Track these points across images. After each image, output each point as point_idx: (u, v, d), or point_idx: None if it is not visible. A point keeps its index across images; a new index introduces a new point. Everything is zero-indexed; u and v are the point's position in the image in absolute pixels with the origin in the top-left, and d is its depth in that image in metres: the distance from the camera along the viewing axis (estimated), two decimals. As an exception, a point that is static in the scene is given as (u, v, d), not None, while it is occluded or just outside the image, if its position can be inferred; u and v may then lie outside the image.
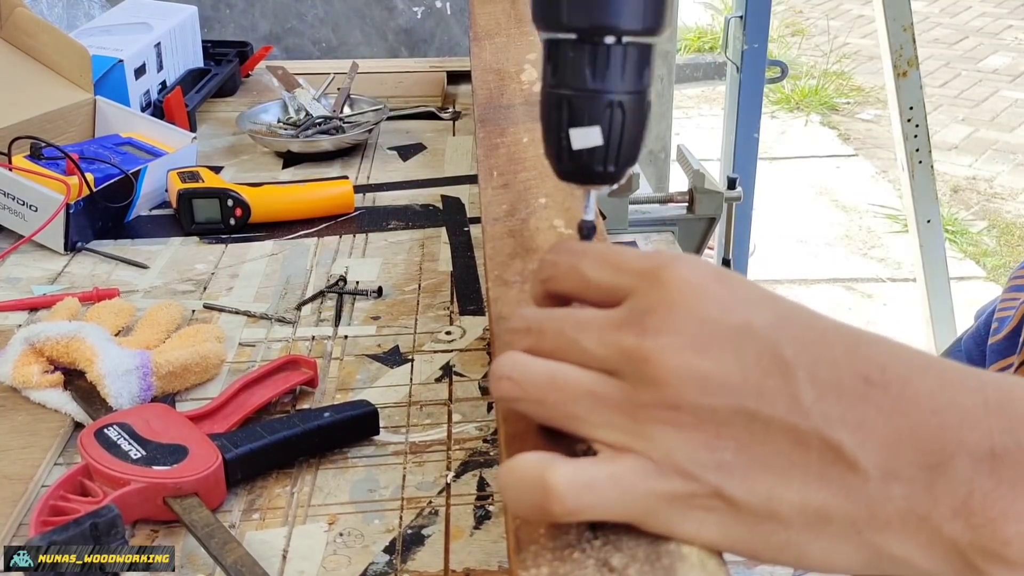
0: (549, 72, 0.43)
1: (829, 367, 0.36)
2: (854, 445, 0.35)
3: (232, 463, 0.61)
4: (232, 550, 0.54)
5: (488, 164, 0.74)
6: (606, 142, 0.43)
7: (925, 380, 0.36)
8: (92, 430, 0.61)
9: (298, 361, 0.73)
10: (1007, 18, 6.04)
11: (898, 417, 0.35)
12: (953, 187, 3.92)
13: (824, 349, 0.36)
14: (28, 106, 1.08)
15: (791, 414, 0.35)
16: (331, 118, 1.25)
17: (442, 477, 0.64)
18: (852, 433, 0.35)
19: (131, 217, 1.04)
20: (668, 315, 0.37)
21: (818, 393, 0.35)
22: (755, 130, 2.15)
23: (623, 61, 0.42)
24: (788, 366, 0.36)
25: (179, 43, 1.35)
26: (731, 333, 0.36)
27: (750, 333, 0.36)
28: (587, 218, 0.47)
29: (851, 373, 0.36)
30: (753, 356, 0.36)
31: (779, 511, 0.36)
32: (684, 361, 0.36)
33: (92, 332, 0.72)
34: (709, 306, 0.37)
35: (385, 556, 0.57)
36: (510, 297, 0.54)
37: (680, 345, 0.36)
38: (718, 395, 0.36)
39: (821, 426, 0.35)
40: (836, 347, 0.37)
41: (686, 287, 0.37)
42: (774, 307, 0.38)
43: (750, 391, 0.36)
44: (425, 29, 1.79)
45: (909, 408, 0.36)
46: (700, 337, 0.36)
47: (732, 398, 0.36)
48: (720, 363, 0.36)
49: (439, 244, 0.98)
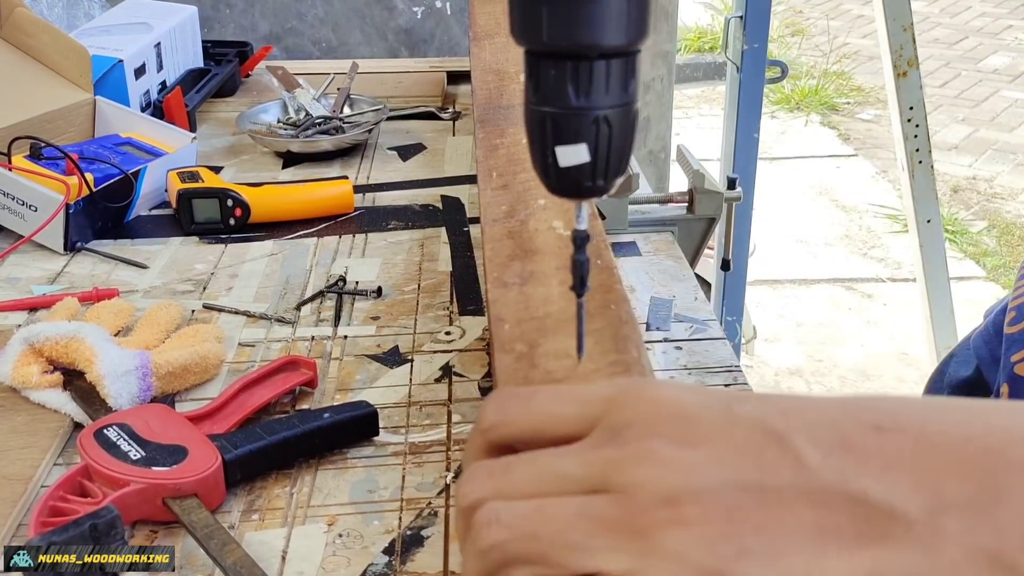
0: (531, 88, 0.42)
1: (829, 427, 0.33)
2: (884, 491, 0.31)
3: (232, 464, 0.61)
4: (231, 551, 0.54)
5: (487, 165, 0.74)
6: (594, 157, 0.42)
7: (948, 414, 0.33)
8: (92, 431, 0.61)
9: (298, 362, 0.73)
10: (1007, 18, 6.04)
11: (928, 452, 0.32)
12: (953, 187, 3.92)
13: (818, 413, 0.34)
14: (28, 106, 1.08)
15: (799, 479, 0.32)
16: (331, 118, 1.25)
17: (441, 478, 0.64)
18: (877, 480, 0.31)
19: (131, 217, 1.04)
20: (646, 425, 0.34)
21: (823, 452, 0.32)
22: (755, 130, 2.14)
23: (607, 76, 0.40)
24: (782, 435, 0.33)
25: (179, 43, 1.35)
26: (714, 423, 0.34)
27: (733, 419, 0.34)
28: (580, 228, 0.45)
29: (857, 426, 0.33)
30: (742, 435, 0.33)
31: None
32: (672, 455, 0.33)
33: (92, 332, 0.71)
34: (686, 409, 0.35)
35: (384, 557, 0.57)
36: (509, 299, 0.54)
37: (665, 444, 0.34)
38: (716, 475, 0.33)
39: (838, 483, 0.31)
40: (831, 409, 0.34)
41: (658, 400, 0.35)
42: (753, 395, 0.36)
43: (749, 465, 0.33)
44: (425, 29, 1.79)
45: (939, 442, 0.32)
46: (683, 435, 0.34)
47: (731, 475, 0.32)
48: (709, 449, 0.33)
49: (439, 244, 0.98)
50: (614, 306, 0.52)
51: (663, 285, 0.90)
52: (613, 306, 0.52)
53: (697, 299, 0.87)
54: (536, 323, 0.51)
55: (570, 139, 0.41)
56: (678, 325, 0.83)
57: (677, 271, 0.92)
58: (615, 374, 0.46)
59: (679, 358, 0.78)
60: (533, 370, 0.46)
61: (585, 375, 0.46)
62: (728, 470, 0.33)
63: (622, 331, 0.50)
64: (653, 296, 0.87)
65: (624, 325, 0.50)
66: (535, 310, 0.52)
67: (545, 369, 0.46)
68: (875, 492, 0.31)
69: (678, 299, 0.87)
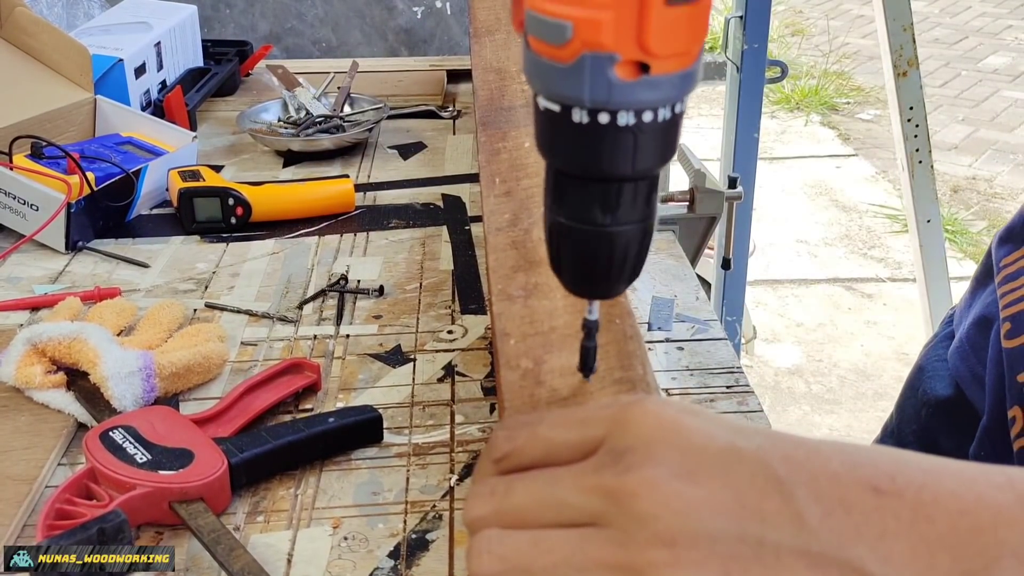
0: (554, 198, 0.41)
1: (830, 482, 0.33)
2: (878, 562, 0.32)
3: (237, 468, 0.60)
4: (238, 557, 0.54)
5: (490, 170, 0.74)
6: (610, 265, 0.41)
7: (943, 481, 0.33)
8: (97, 433, 0.61)
9: (301, 364, 0.73)
10: (1007, 18, 6.04)
11: (923, 524, 0.32)
12: (953, 187, 3.92)
13: (820, 464, 0.34)
14: (29, 105, 1.08)
15: (799, 537, 0.32)
16: (331, 117, 1.25)
17: (445, 480, 0.64)
18: (872, 549, 0.32)
19: (132, 216, 1.03)
20: (647, 450, 0.34)
21: (824, 510, 0.32)
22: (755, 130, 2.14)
23: (634, 196, 0.40)
24: (784, 485, 0.33)
25: (179, 42, 1.35)
26: (717, 459, 0.34)
27: (737, 456, 0.34)
28: (590, 318, 0.45)
29: (856, 485, 0.33)
30: (745, 479, 0.33)
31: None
32: (673, 490, 0.33)
33: (94, 333, 0.71)
34: (690, 436, 0.34)
35: (390, 561, 0.57)
36: (514, 313, 0.53)
37: (666, 476, 0.33)
38: (716, 522, 0.32)
39: (835, 547, 0.32)
40: (833, 461, 0.34)
41: (660, 422, 0.35)
42: (757, 431, 0.35)
43: (750, 516, 0.33)
44: (425, 29, 1.79)
45: (933, 513, 0.32)
46: (685, 466, 0.34)
47: (732, 524, 0.32)
48: (711, 489, 0.33)
49: (440, 243, 0.98)
50: (619, 320, 0.52)
51: (664, 284, 0.89)
52: (618, 320, 0.52)
53: (698, 299, 0.87)
54: (541, 338, 0.50)
55: (591, 254, 0.41)
56: (679, 325, 0.83)
57: (678, 270, 0.92)
58: (620, 391, 0.46)
59: (681, 359, 0.78)
60: (539, 388, 0.46)
61: (591, 393, 0.46)
62: (729, 519, 0.33)
63: (627, 347, 0.49)
64: (655, 296, 0.87)
65: (629, 341, 0.50)
66: (540, 324, 0.52)
67: (551, 387, 0.46)
68: (870, 562, 0.32)
69: (679, 299, 0.87)
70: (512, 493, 0.37)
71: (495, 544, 0.36)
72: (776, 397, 2.67)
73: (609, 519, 0.34)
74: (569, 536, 0.34)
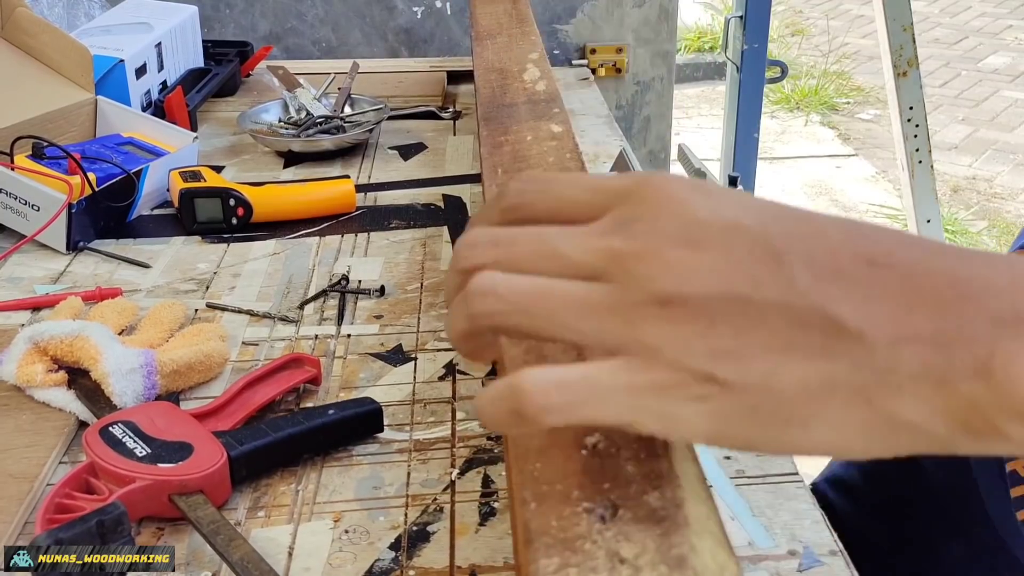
0: None
1: (826, 254, 0.34)
2: (859, 319, 0.33)
3: (237, 460, 0.61)
4: (238, 547, 0.54)
5: (492, 161, 0.74)
6: None
7: (942, 259, 0.34)
8: (97, 428, 0.61)
9: (302, 359, 0.73)
10: (1007, 18, 6.05)
11: (910, 291, 0.33)
12: (953, 187, 3.92)
13: (820, 240, 0.35)
14: (29, 106, 1.08)
15: (786, 295, 0.34)
16: (332, 118, 1.25)
17: (447, 474, 0.64)
18: (856, 308, 0.33)
19: (133, 216, 1.04)
20: (655, 220, 0.36)
21: (815, 276, 0.34)
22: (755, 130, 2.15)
23: None
24: (781, 255, 0.34)
25: (179, 43, 1.35)
26: (720, 231, 0.35)
27: (740, 230, 0.35)
28: None
29: (852, 258, 0.34)
30: (744, 249, 0.35)
31: (778, 387, 0.34)
32: (674, 256, 0.35)
33: (96, 331, 0.72)
34: (697, 210, 0.36)
35: (391, 553, 0.57)
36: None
37: (669, 243, 0.35)
38: (709, 284, 0.34)
39: (821, 303, 0.33)
40: (833, 237, 0.35)
41: (671, 196, 0.36)
42: (764, 207, 0.37)
43: (742, 279, 0.34)
44: (425, 29, 1.79)
45: (923, 282, 0.34)
46: (689, 235, 0.35)
47: (724, 285, 0.34)
48: (710, 257, 0.35)
49: (441, 243, 0.98)
50: None
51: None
52: None
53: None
54: None
55: None
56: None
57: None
58: None
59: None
60: (542, 362, 0.46)
61: None
62: (722, 281, 0.34)
63: None
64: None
65: None
66: None
67: (554, 360, 0.46)
68: (851, 318, 0.33)
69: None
70: (516, 243, 0.38)
71: (499, 286, 0.36)
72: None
73: (611, 276, 0.35)
74: (571, 284, 0.36)
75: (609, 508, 0.37)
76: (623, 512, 0.37)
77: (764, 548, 0.58)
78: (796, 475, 0.64)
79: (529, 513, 0.38)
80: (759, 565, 0.57)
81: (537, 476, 0.39)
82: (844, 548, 0.58)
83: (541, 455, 0.41)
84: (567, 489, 0.38)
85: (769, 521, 0.60)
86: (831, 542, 0.58)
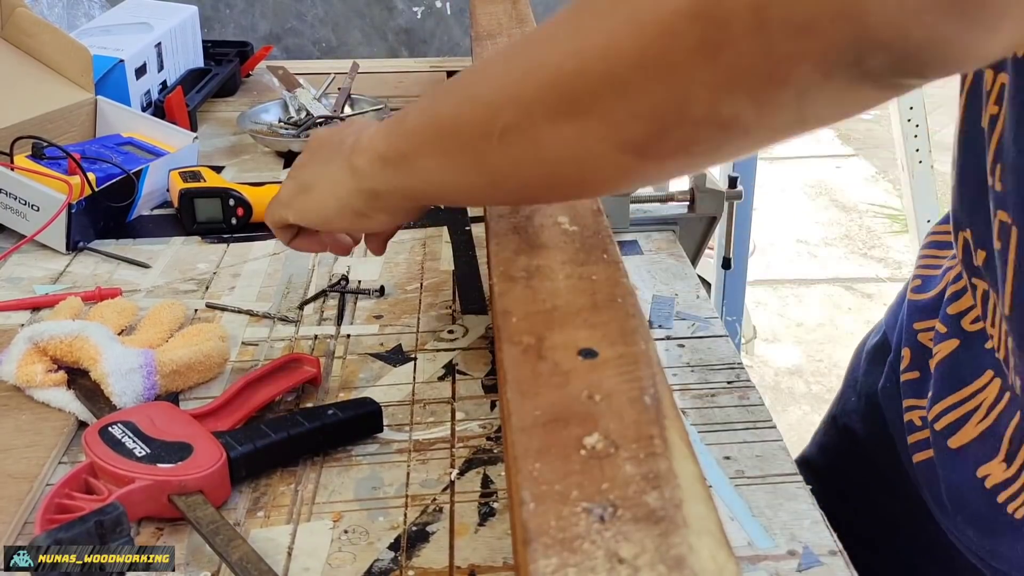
0: None
1: (381, 132, 0.62)
2: (360, 162, 0.62)
3: (236, 461, 0.61)
4: (237, 547, 0.54)
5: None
6: None
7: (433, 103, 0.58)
8: (97, 428, 0.61)
9: (301, 359, 0.73)
10: (1006, 18, 6.04)
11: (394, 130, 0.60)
12: (952, 187, 3.92)
13: (334, 132, 0.68)
14: (29, 106, 1.08)
15: (342, 149, 0.64)
16: (332, 118, 1.25)
17: (446, 474, 0.64)
18: (361, 155, 0.62)
19: (133, 217, 1.04)
20: (313, 138, 0.70)
21: (358, 143, 0.63)
22: (755, 130, 2.14)
23: None
24: (359, 135, 0.63)
25: (179, 43, 1.35)
26: (341, 130, 0.67)
27: (318, 136, 0.70)
28: None
29: (388, 127, 0.61)
30: (351, 132, 0.65)
31: (318, 179, 0.66)
32: (316, 133, 0.72)
33: (96, 331, 0.72)
34: (335, 131, 0.68)
35: (390, 553, 0.57)
36: (516, 293, 0.54)
37: (316, 134, 0.71)
38: (322, 141, 0.67)
39: (349, 155, 0.63)
40: (339, 130, 0.68)
41: (320, 133, 0.70)
42: (334, 129, 0.69)
43: (336, 141, 0.65)
44: (425, 29, 1.79)
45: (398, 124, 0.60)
46: (326, 131, 0.70)
47: (327, 142, 0.66)
48: (330, 133, 0.68)
49: (440, 243, 0.98)
50: (621, 299, 0.52)
51: (665, 283, 0.90)
52: (620, 299, 0.52)
53: (699, 297, 0.87)
54: (543, 316, 0.51)
55: None
56: (680, 323, 0.83)
57: (679, 269, 0.92)
58: (623, 366, 0.46)
59: (681, 355, 0.78)
60: (541, 362, 0.47)
61: (594, 368, 0.46)
62: (328, 141, 0.67)
63: (629, 324, 0.50)
64: (655, 294, 0.87)
65: (631, 318, 0.50)
66: (542, 303, 0.52)
67: (553, 361, 0.47)
68: (359, 163, 0.62)
69: (680, 297, 0.87)
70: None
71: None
72: (776, 397, 2.67)
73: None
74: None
75: (608, 508, 0.37)
76: (622, 512, 0.37)
77: (763, 548, 0.58)
78: (796, 475, 0.64)
79: (528, 513, 0.38)
80: (758, 565, 0.57)
81: (536, 476, 0.39)
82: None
83: (540, 455, 0.41)
84: (566, 489, 0.38)
85: (768, 521, 0.60)
86: (831, 542, 0.58)
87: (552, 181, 0.52)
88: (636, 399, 0.44)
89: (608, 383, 0.45)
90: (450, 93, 0.55)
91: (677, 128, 0.43)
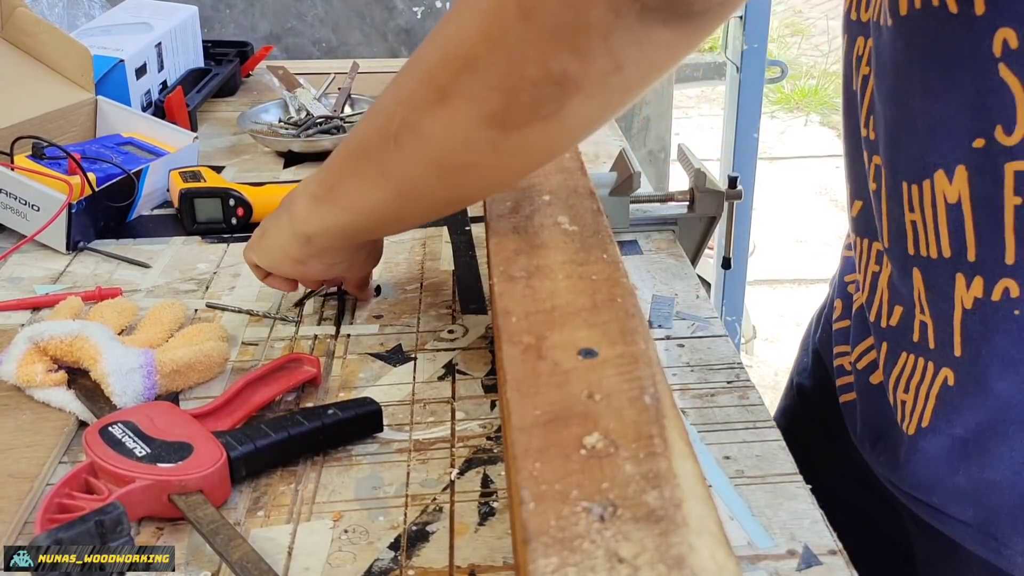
0: None
1: (305, 193, 0.71)
2: (297, 212, 0.70)
3: (237, 460, 0.61)
4: (237, 546, 0.54)
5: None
6: None
7: (329, 172, 0.70)
8: (97, 428, 0.61)
9: (301, 359, 0.73)
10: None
11: (313, 192, 0.71)
12: (952, 187, 3.91)
13: (310, 187, 0.72)
14: (29, 106, 1.08)
15: (284, 216, 0.72)
16: (332, 118, 1.25)
17: (446, 474, 0.64)
18: (296, 210, 0.71)
19: (133, 217, 1.04)
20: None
21: (296, 204, 0.71)
22: (755, 130, 2.15)
23: None
24: (290, 206, 0.71)
25: (180, 43, 1.36)
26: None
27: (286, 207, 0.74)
28: None
29: (310, 190, 0.71)
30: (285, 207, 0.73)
31: (271, 225, 0.75)
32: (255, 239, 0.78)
33: (96, 331, 0.72)
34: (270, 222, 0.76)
35: (390, 552, 0.57)
36: (516, 292, 0.54)
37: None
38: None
39: (288, 208, 0.72)
40: (323, 184, 0.70)
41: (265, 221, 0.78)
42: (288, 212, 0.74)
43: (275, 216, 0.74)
44: (425, 29, 1.79)
45: (317, 186, 0.70)
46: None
47: (254, 240, 0.77)
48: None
49: (440, 243, 0.98)
50: (620, 299, 0.52)
51: (664, 283, 0.90)
52: (620, 299, 0.52)
53: (699, 297, 0.87)
54: (543, 316, 0.51)
55: None
56: (680, 323, 0.83)
57: (678, 269, 0.92)
58: (623, 366, 0.46)
59: (681, 355, 0.78)
60: (541, 361, 0.47)
61: (593, 367, 0.46)
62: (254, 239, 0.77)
63: (629, 324, 0.50)
64: (655, 294, 0.87)
65: (631, 318, 0.50)
66: (542, 303, 0.52)
67: (553, 360, 0.47)
68: (296, 215, 0.71)
69: (680, 297, 0.87)
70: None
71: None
72: (776, 397, 2.66)
73: None
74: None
75: (608, 508, 0.37)
76: (622, 512, 0.37)
77: (763, 548, 0.58)
78: (796, 475, 0.64)
79: (528, 513, 0.38)
80: (758, 565, 0.57)
81: (536, 476, 0.40)
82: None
83: (540, 455, 0.41)
84: (566, 489, 0.39)
85: (768, 521, 0.60)
86: (830, 542, 0.58)
87: (443, 175, 0.57)
88: (636, 399, 0.44)
89: (608, 383, 0.45)
90: (363, 116, 0.63)
91: (521, 92, 0.49)
